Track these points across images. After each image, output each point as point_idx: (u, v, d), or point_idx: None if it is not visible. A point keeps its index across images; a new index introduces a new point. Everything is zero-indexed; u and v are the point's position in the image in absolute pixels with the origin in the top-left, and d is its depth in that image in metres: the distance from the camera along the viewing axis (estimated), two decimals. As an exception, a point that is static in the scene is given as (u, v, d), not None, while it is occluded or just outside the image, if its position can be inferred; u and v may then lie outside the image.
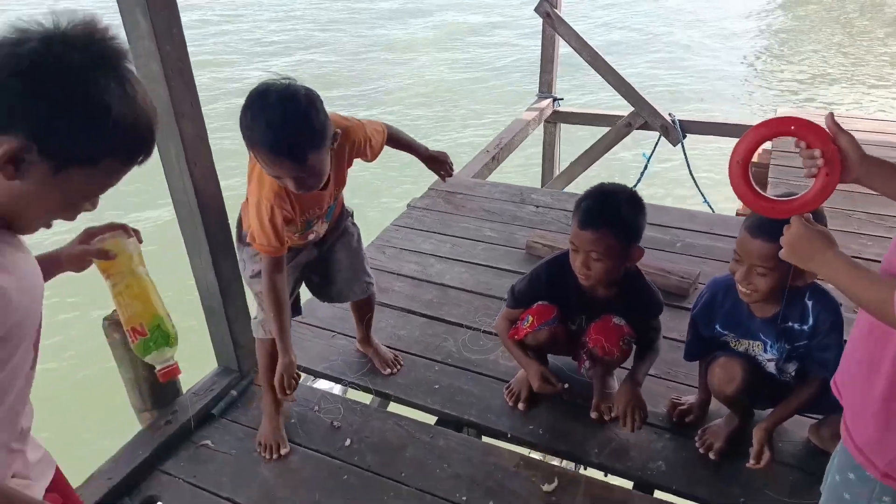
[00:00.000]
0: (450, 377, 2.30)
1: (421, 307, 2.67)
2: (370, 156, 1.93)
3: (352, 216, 2.15)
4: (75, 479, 1.90)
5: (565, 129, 5.60)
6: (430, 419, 2.20)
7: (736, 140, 1.25)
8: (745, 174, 1.23)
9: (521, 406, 2.14)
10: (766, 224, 1.57)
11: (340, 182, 1.88)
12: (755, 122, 1.44)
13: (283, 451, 2.00)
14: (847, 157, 1.14)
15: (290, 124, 1.48)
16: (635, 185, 5.38)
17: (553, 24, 4.92)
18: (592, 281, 1.85)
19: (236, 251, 2.03)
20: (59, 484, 1.22)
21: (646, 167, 5.33)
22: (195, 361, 2.40)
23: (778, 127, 1.21)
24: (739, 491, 1.84)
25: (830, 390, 1.69)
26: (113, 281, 1.25)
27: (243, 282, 2.08)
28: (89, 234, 1.23)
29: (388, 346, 2.41)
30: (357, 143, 1.84)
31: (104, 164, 0.90)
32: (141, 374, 2.05)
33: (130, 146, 0.91)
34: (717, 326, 1.87)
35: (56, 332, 4.81)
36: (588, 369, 2.10)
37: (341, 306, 2.46)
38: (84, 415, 4.38)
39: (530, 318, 1.97)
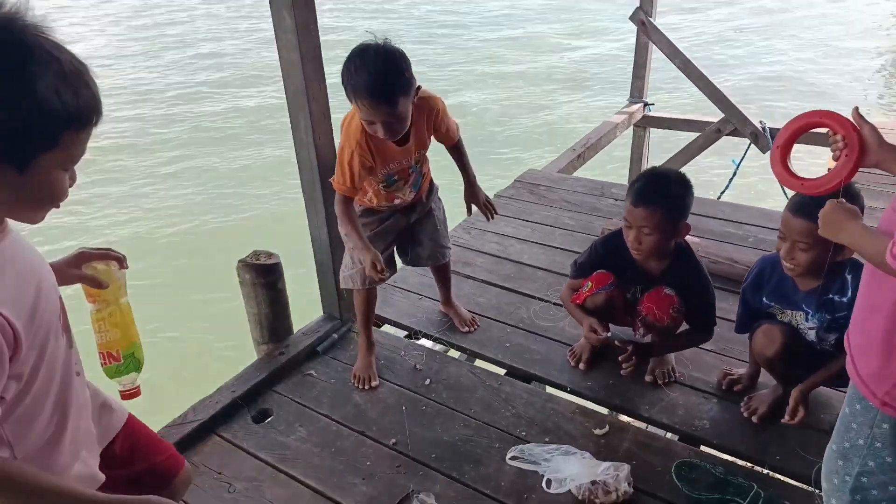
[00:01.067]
0: (520, 338, 2.59)
1: (499, 280, 2.98)
2: (442, 134, 2.23)
3: (437, 192, 2.46)
4: (208, 389, 2.36)
5: (655, 134, 5.73)
6: (500, 371, 2.50)
7: (826, 149, 1.48)
8: (784, 157, 1.47)
9: (581, 366, 2.40)
10: (805, 205, 1.78)
11: (420, 142, 2.14)
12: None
13: (373, 384, 2.36)
14: (866, 142, 1.33)
15: (387, 74, 1.84)
16: (723, 192, 5.45)
17: (647, 32, 5.10)
18: (644, 254, 2.10)
19: None
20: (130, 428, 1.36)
21: (735, 173, 5.36)
22: (306, 307, 2.85)
23: (810, 118, 1.43)
24: (776, 450, 2.01)
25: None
26: (97, 306, 1.28)
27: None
28: (83, 257, 1.24)
29: (468, 311, 2.74)
30: (435, 112, 2.14)
31: (63, 140, 0.89)
32: (262, 312, 2.48)
33: (77, 112, 0.88)
34: (764, 299, 2.06)
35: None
36: (643, 335, 2.32)
37: (427, 274, 2.80)
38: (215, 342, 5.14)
39: (590, 284, 2.23)
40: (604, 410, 2.31)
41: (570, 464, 1.94)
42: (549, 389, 2.44)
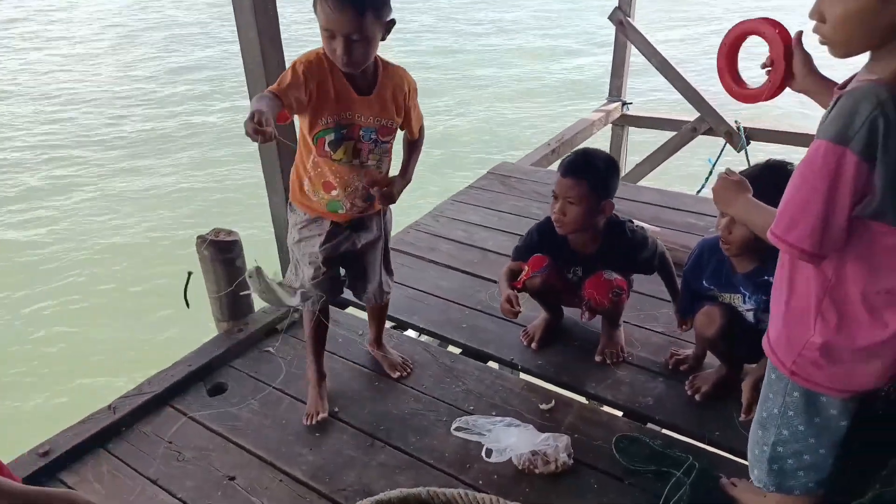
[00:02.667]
0: (476, 319, 2.64)
1: (462, 265, 3.03)
2: (406, 121, 1.97)
3: (391, 217, 2.18)
4: (164, 362, 2.40)
5: (633, 132, 5.80)
6: (456, 351, 2.54)
7: (801, 148, 1.54)
8: (731, 59, 1.51)
9: (533, 346, 2.44)
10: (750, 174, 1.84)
11: (383, 106, 1.87)
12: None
13: (321, 417, 2.12)
14: (794, 68, 1.37)
15: None
16: (700, 190, 5.50)
17: (625, 32, 5.17)
18: (566, 227, 2.16)
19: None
20: None
21: (711, 172, 5.43)
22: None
23: (756, 24, 1.44)
24: (715, 426, 2.06)
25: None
26: None
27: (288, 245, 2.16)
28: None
29: (429, 294, 2.78)
30: (406, 88, 1.91)
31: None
32: (222, 289, 2.51)
33: None
34: (704, 282, 2.11)
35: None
36: (588, 318, 2.37)
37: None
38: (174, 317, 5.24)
39: (526, 268, 2.28)
40: (552, 387, 2.35)
41: (512, 434, 1.99)
42: (502, 368, 2.48)
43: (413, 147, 2.09)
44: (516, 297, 2.18)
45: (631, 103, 5.51)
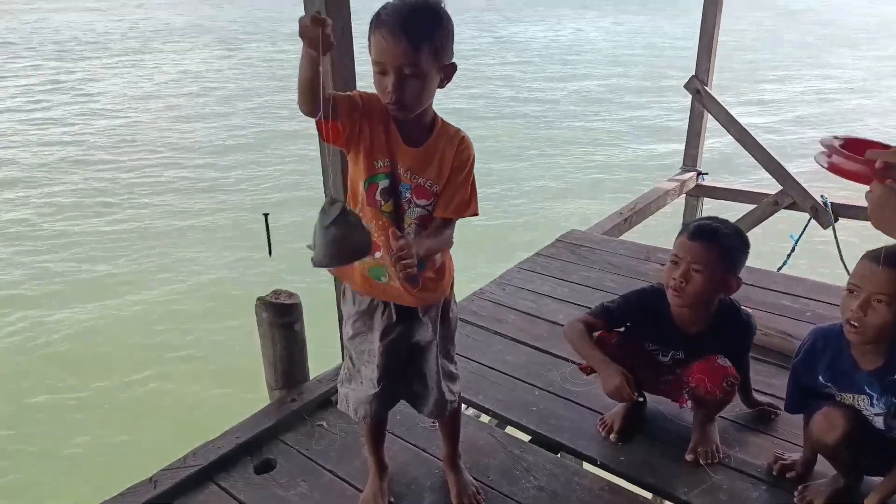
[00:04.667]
0: (547, 402, 2.39)
1: (530, 339, 2.80)
2: (448, 185, 1.60)
3: (454, 308, 1.84)
4: (214, 433, 2.25)
5: (708, 204, 5.53)
6: (525, 437, 2.29)
7: None
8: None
9: (612, 437, 2.18)
10: (893, 254, 1.59)
11: (429, 166, 1.59)
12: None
13: None
14: None
15: (420, 11, 1.47)
16: (781, 268, 5.15)
17: (702, 101, 4.99)
18: (686, 298, 1.91)
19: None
20: None
21: (793, 249, 5.08)
22: (323, 352, 2.73)
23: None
24: (837, 552, 1.74)
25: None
26: None
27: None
28: None
29: (494, 370, 2.56)
30: (459, 154, 1.60)
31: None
32: (277, 354, 2.37)
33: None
34: (820, 377, 1.82)
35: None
36: (692, 408, 2.10)
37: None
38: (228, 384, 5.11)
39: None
40: (636, 490, 2.07)
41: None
42: (577, 461, 2.22)
43: (440, 227, 1.63)
44: (629, 377, 1.90)
45: (707, 174, 5.28)
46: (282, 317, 2.31)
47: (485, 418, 2.51)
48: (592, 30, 27.02)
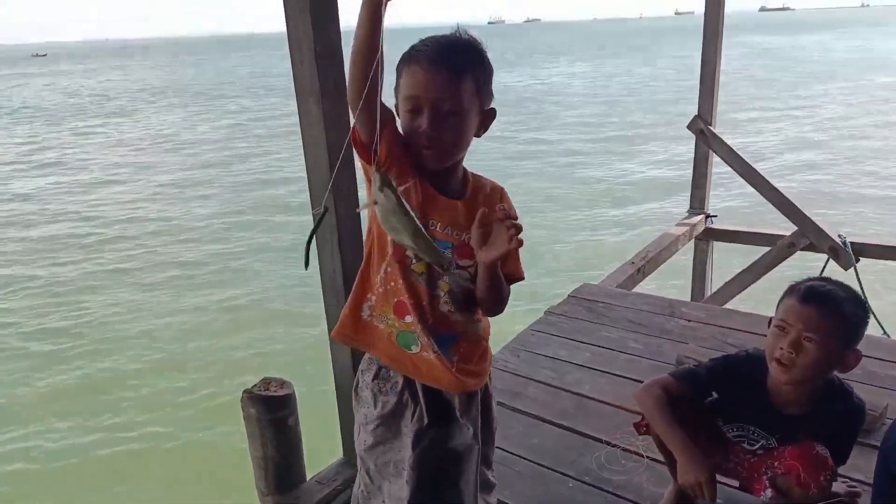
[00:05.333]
0: (584, 496, 2.06)
1: (555, 416, 2.48)
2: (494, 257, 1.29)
3: (494, 403, 1.56)
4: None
5: (720, 247, 5.30)
6: (560, 541, 1.96)
7: None
8: None
9: (666, 538, 1.85)
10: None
11: (469, 216, 1.35)
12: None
13: None
14: None
15: (459, 46, 1.32)
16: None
17: (707, 142, 4.81)
18: (796, 373, 1.59)
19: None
20: None
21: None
22: (321, 448, 2.40)
23: None
24: None
25: None
26: None
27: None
28: None
29: (519, 457, 2.24)
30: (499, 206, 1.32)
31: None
32: (269, 455, 2.04)
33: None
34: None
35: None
36: (770, 498, 1.77)
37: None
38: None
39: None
40: None
41: None
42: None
43: (500, 283, 1.37)
44: (710, 483, 1.59)
45: (716, 216, 5.06)
46: (273, 412, 1.99)
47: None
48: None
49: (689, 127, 4.82)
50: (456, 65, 1.28)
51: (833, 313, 1.56)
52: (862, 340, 1.61)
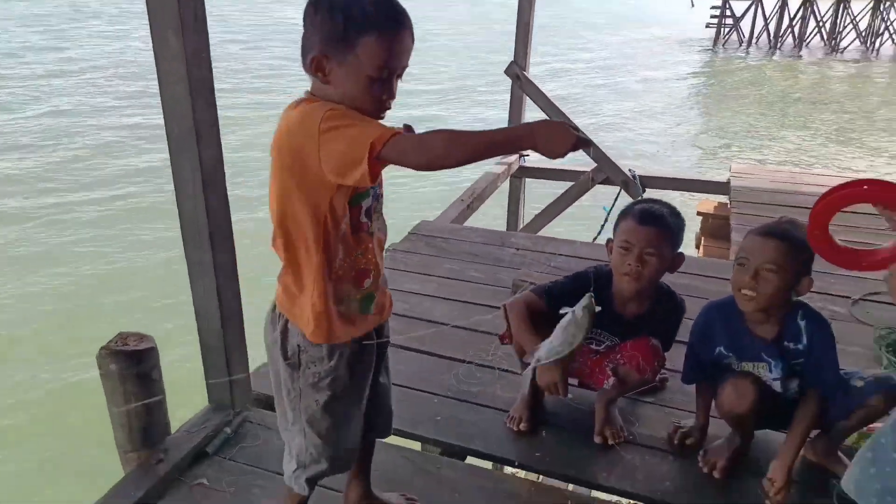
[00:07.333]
0: (449, 409, 2.28)
1: (414, 343, 2.66)
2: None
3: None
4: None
5: (530, 183, 5.80)
6: (435, 450, 2.16)
7: (692, 193, 1.35)
8: (823, 239, 1.32)
9: (523, 426, 2.13)
10: (777, 228, 1.74)
11: None
12: (708, 176, 1.61)
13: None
14: None
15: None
16: (596, 237, 5.59)
17: (521, 86, 5.17)
18: (642, 282, 1.92)
19: (282, 377, 1.50)
20: None
21: (606, 219, 5.53)
22: (181, 397, 2.33)
23: (851, 192, 1.28)
24: (746, 505, 1.86)
25: (827, 406, 1.77)
26: None
27: (287, 413, 1.55)
28: None
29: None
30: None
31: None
32: (134, 411, 1.95)
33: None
34: (721, 349, 1.92)
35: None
36: (612, 386, 2.09)
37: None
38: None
39: None
40: (561, 484, 2.05)
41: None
42: (497, 466, 2.14)
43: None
44: (563, 383, 1.84)
45: (528, 155, 5.50)
46: (136, 366, 1.89)
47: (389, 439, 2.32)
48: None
49: (506, 72, 5.14)
50: (408, 21, 1.27)
51: (665, 228, 1.90)
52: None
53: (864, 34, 26.75)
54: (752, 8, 26.59)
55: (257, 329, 2.34)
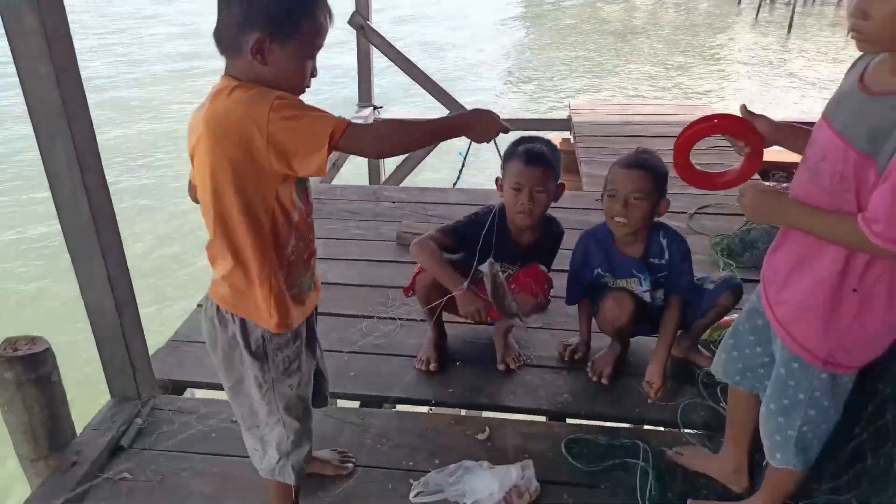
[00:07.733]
0: (359, 362, 2.38)
1: (312, 306, 2.70)
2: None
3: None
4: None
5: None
6: (354, 404, 2.26)
7: (544, 131, 1.54)
8: (686, 166, 1.52)
9: (433, 367, 2.30)
10: (638, 159, 1.99)
11: None
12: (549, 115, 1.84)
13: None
14: (763, 132, 1.43)
15: None
16: (456, 182, 5.81)
17: (367, 36, 5.14)
18: (535, 217, 2.11)
19: (248, 373, 1.45)
20: None
21: (463, 164, 5.74)
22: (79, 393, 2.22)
23: (707, 122, 1.47)
24: (631, 403, 2.18)
25: (686, 309, 2.10)
26: None
27: (258, 410, 1.50)
28: None
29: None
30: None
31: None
32: (37, 417, 1.84)
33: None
34: (598, 270, 2.19)
35: None
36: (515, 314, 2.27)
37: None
38: None
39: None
40: (475, 413, 2.24)
41: (476, 480, 1.84)
42: (416, 408, 2.29)
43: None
44: (485, 307, 2.01)
45: (382, 107, 5.54)
46: (34, 370, 1.78)
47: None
48: None
49: (349, 23, 5.06)
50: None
51: (548, 165, 2.09)
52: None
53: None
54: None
55: (146, 313, 2.26)
